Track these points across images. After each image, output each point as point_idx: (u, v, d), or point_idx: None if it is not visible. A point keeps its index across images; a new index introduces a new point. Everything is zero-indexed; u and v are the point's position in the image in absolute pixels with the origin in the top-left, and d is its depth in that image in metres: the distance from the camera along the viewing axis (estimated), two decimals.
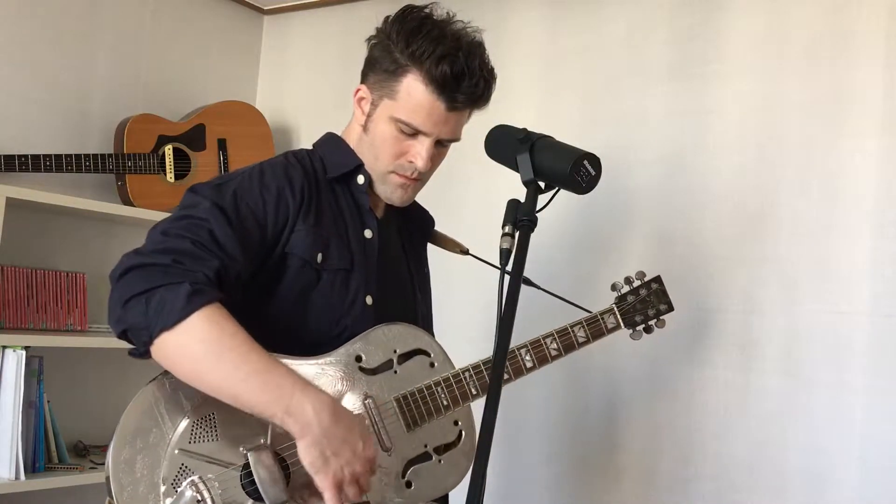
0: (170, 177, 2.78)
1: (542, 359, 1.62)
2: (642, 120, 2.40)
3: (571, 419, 2.42)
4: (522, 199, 1.30)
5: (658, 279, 1.86)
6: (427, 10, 1.51)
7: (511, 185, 1.44)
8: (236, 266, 1.37)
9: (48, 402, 2.43)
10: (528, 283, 1.80)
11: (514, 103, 2.60)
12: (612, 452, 2.37)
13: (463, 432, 1.54)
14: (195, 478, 1.28)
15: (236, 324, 1.29)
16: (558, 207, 1.72)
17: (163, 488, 1.27)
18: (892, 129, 2.05)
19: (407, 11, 1.51)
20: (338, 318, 1.50)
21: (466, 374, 1.54)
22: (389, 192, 1.57)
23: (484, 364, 1.55)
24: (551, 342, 1.65)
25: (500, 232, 1.26)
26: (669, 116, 2.36)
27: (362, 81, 1.58)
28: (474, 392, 1.54)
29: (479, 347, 1.60)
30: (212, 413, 1.32)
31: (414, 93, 1.48)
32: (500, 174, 1.62)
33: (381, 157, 1.53)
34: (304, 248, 1.47)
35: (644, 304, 1.81)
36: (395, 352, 1.51)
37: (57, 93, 2.73)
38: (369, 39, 1.57)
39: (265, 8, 3.30)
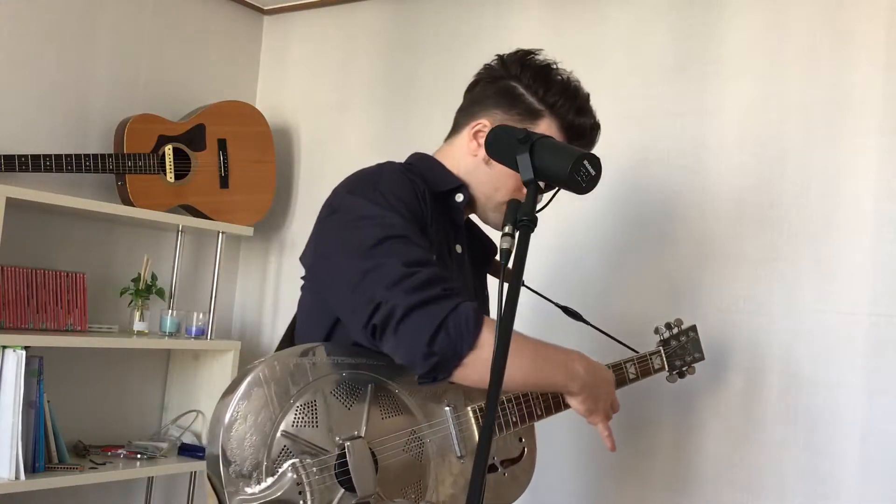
0: (170, 177, 2.78)
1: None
2: (642, 120, 2.40)
3: (571, 419, 2.42)
4: (522, 199, 1.30)
5: (694, 328, 1.98)
6: (544, 57, 1.62)
7: None
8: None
9: (48, 402, 2.43)
10: (577, 317, 1.87)
11: None
12: (611, 452, 2.36)
13: (526, 449, 1.61)
14: (296, 461, 1.31)
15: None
16: (559, 208, 1.73)
17: (265, 466, 1.30)
18: (892, 129, 2.05)
19: (528, 55, 1.61)
20: None
21: (533, 394, 1.60)
22: (500, 218, 1.64)
23: (530, 394, 1.61)
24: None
25: (501, 232, 1.27)
26: (669, 116, 2.36)
27: (480, 116, 1.61)
28: (539, 413, 1.60)
29: None
30: (314, 401, 1.36)
31: None
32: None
33: (503, 190, 1.60)
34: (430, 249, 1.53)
35: (683, 350, 1.95)
36: None
37: (57, 93, 2.73)
38: (485, 76, 1.64)
39: (265, 8, 3.30)
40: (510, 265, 1.21)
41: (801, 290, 2.13)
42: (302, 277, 1.59)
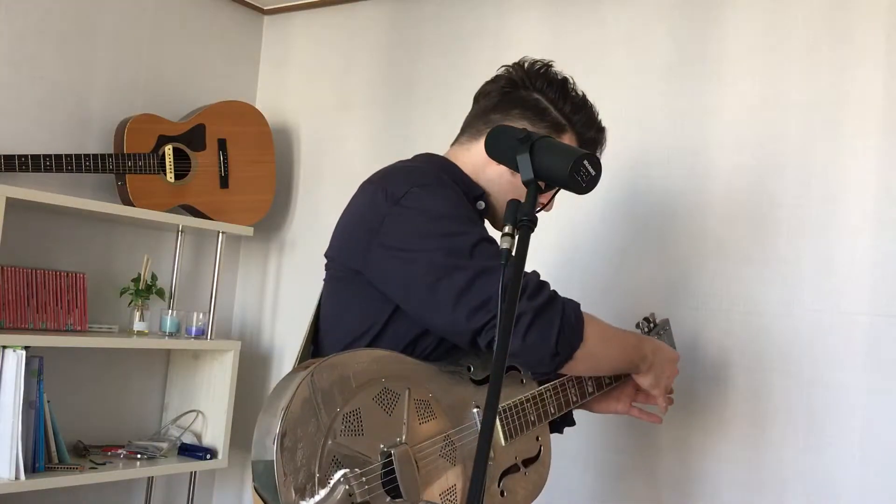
0: (170, 177, 2.78)
1: (582, 393, 1.71)
2: (643, 120, 2.40)
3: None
4: (522, 199, 1.31)
5: (667, 322, 1.99)
6: (559, 70, 1.67)
7: None
8: None
9: (48, 402, 2.43)
10: None
11: None
12: (611, 452, 2.37)
13: (542, 448, 1.62)
14: (346, 471, 1.31)
15: (593, 315, 1.49)
16: (558, 208, 1.73)
17: (318, 478, 1.29)
18: (892, 129, 2.05)
19: (548, 69, 1.66)
20: None
21: (548, 392, 1.63)
22: None
23: (560, 385, 1.65)
24: (588, 378, 1.72)
25: (501, 232, 1.27)
26: (669, 116, 2.36)
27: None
28: (553, 410, 1.63)
29: None
30: (358, 408, 1.35)
31: None
32: None
33: None
34: None
35: None
36: None
37: (57, 93, 2.73)
38: (505, 83, 1.65)
39: (265, 8, 3.30)
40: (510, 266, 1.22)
41: (801, 290, 2.13)
42: (329, 269, 1.57)
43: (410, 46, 2.95)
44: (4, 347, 2.33)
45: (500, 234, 1.65)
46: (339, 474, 1.30)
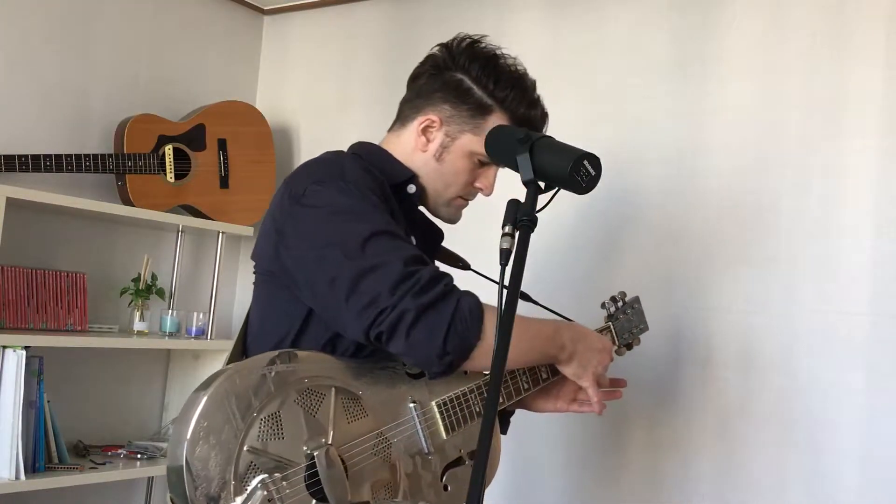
0: (170, 177, 2.78)
1: (535, 381, 1.65)
2: (642, 120, 2.40)
3: (571, 419, 2.42)
4: (522, 199, 1.30)
5: (637, 300, 1.94)
6: (488, 45, 1.59)
7: (511, 185, 1.45)
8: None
9: (48, 402, 2.43)
10: (524, 297, 1.80)
11: None
12: (612, 452, 2.37)
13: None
14: (264, 476, 1.28)
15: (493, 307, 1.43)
16: (559, 208, 1.73)
17: (233, 486, 1.27)
18: (892, 129, 2.05)
19: (475, 45, 1.59)
20: None
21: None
22: (452, 213, 1.67)
23: (508, 374, 1.60)
24: (543, 366, 1.66)
25: (500, 232, 1.27)
26: (670, 116, 2.36)
27: (428, 111, 1.59)
28: (501, 400, 1.58)
29: None
30: (277, 412, 1.32)
31: None
32: (500, 174, 1.63)
33: (454, 185, 1.61)
34: None
35: (629, 322, 1.90)
36: None
37: (57, 93, 2.73)
38: (430, 67, 1.61)
39: (265, 8, 3.30)
40: (510, 265, 1.21)
41: (800, 290, 2.12)
42: (255, 272, 1.55)
43: (410, 46, 2.94)
44: (4, 347, 2.32)
45: (439, 213, 1.65)
46: (256, 480, 1.27)
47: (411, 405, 1.46)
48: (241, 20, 3.28)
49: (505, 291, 1.19)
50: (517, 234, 1.24)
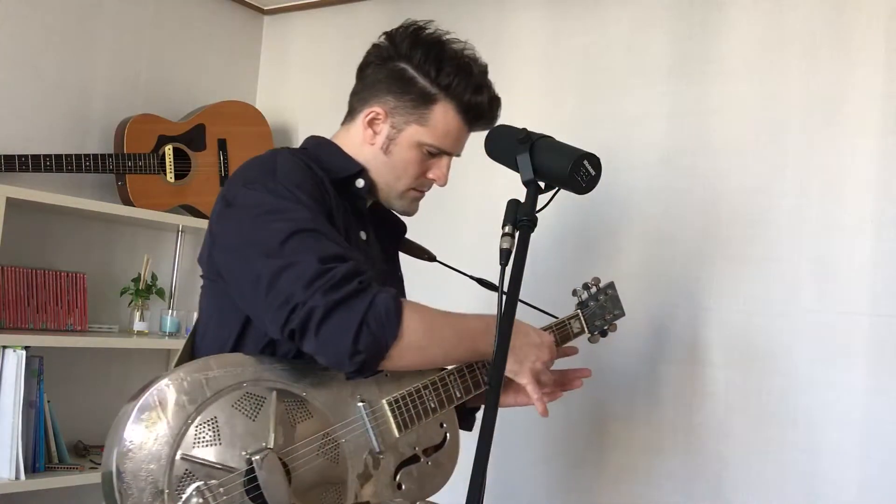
0: (170, 177, 2.78)
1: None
2: (642, 120, 2.40)
3: (571, 418, 2.42)
4: (522, 199, 1.30)
5: (612, 285, 1.91)
6: (435, 31, 1.57)
7: (511, 185, 1.45)
8: (355, 252, 1.42)
9: (48, 402, 2.43)
10: (493, 287, 1.80)
11: (514, 103, 2.58)
12: (612, 452, 2.37)
13: (448, 434, 1.54)
14: (199, 484, 1.26)
15: (422, 304, 1.42)
16: (558, 208, 1.73)
17: (167, 494, 1.25)
18: (892, 129, 2.05)
19: (418, 32, 1.56)
20: None
21: (451, 376, 1.54)
22: (406, 205, 1.63)
23: (467, 367, 1.56)
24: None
25: (500, 232, 1.27)
26: (670, 116, 2.36)
27: (373, 103, 1.57)
28: (458, 395, 1.54)
29: None
30: (214, 417, 1.30)
31: (448, 120, 1.55)
32: (500, 174, 1.62)
33: (404, 177, 1.58)
34: None
35: (602, 309, 1.87)
36: None
37: (57, 93, 2.73)
38: (374, 57, 1.58)
39: (265, 8, 3.30)
40: (510, 265, 1.21)
41: (800, 290, 2.12)
42: (201, 276, 1.54)
43: None
44: (4, 347, 2.33)
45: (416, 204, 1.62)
46: (191, 488, 1.25)
47: (360, 404, 1.44)
48: (241, 20, 3.28)
49: (505, 292, 1.19)
50: (517, 234, 1.24)
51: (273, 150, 1.55)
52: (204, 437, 1.28)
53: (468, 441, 1.55)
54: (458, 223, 2.61)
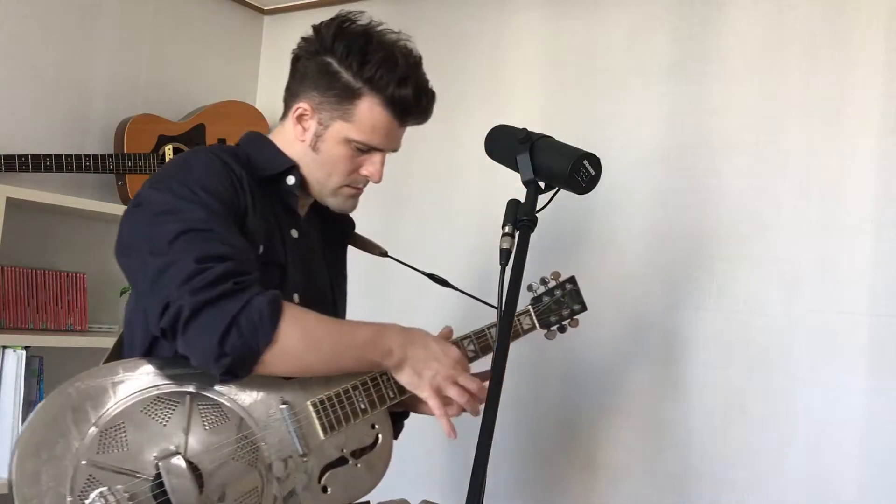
0: None
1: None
2: (642, 120, 2.40)
3: (571, 419, 2.42)
4: (522, 199, 1.30)
5: (572, 279, 1.83)
6: (363, 22, 1.52)
7: (511, 185, 1.45)
8: (251, 254, 1.40)
9: None
10: (443, 282, 1.80)
11: (514, 103, 2.60)
12: (612, 452, 2.37)
13: (380, 436, 1.51)
14: (103, 489, 1.25)
15: (305, 309, 1.39)
16: (558, 207, 1.73)
17: (69, 500, 1.24)
18: (892, 129, 2.05)
19: (345, 24, 1.52)
20: None
21: (383, 377, 1.51)
22: (342, 202, 1.59)
23: (381, 377, 1.52)
24: (469, 344, 1.62)
25: (500, 232, 1.27)
26: (669, 116, 2.36)
27: (300, 98, 1.55)
28: (392, 395, 1.51)
29: None
30: (122, 423, 1.29)
31: (374, 115, 1.50)
32: (500, 174, 1.62)
33: (336, 174, 1.55)
34: (253, 239, 1.45)
35: (559, 304, 1.78)
36: None
37: (57, 93, 2.73)
38: (303, 51, 1.56)
39: (265, 8, 3.30)
40: (510, 266, 1.21)
41: (801, 290, 2.12)
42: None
43: None
44: (4, 347, 2.33)
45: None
46: (94, 494, 1.24)
47: (282, 406, 1.42)
48: (241, 20, 3.28)
49: (505, 291, 1.19)
50: (517, 234, 1.24)
51: (193, 149, 1.55)
52: (109, 443, 1.28)
53: (467, 440, 1.56)
54: (456, 223, 2.60)
